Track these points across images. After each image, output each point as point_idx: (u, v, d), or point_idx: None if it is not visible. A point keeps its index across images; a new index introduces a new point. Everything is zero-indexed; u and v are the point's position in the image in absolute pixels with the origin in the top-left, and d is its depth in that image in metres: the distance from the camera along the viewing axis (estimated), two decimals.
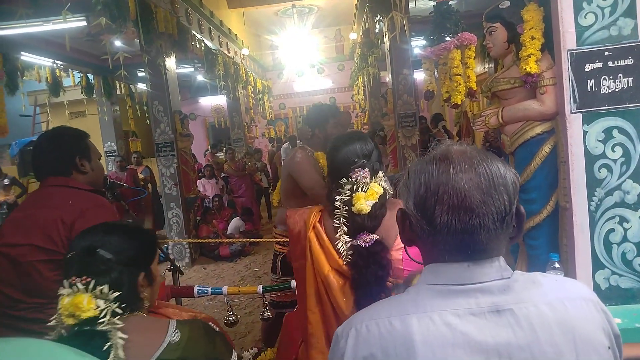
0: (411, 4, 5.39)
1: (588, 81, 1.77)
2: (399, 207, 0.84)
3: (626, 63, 1.74)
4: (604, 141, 1.78)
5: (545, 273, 0.92)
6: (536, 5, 2.07)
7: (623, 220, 1.80)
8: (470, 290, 0.75)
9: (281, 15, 12.40)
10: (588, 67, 1.76)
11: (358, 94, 12.60)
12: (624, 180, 1.78)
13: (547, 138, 2.09)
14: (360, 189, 1.45)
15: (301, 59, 13.58)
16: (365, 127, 10.94)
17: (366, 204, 1.42)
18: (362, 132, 1.70)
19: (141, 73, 8.20)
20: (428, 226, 0.77)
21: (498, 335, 0.72)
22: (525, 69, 2.05)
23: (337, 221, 1.47)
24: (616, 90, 1.76)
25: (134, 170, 7.72)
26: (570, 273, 1.88)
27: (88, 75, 8.32)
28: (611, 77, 1.75)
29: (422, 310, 0.75)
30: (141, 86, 9.60)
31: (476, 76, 2.90)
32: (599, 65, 1.76)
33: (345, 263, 1.46)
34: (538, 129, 2.10)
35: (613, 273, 1.83)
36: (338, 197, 1.47)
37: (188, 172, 6.39)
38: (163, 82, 5.98)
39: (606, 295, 1.82)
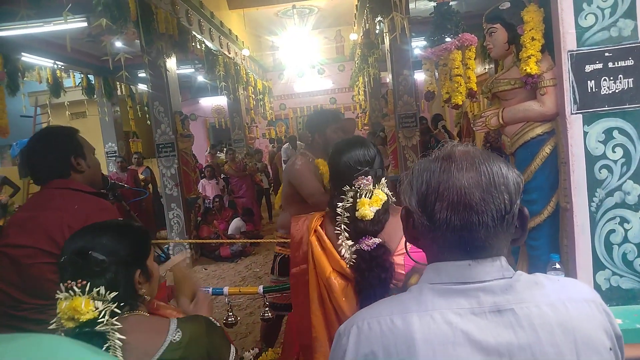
0: (411, 5, 5.39)
1: (588, 82, 1.77)
2: (404, 205, 0.85)
3: (626, 64, 1.74)
4: (605, 142, 1.78)
5: (546, 274, 0.93)
6: (536, 6, 2.07)
7: (624, 221, 1.80)
8: (471, 289, 0.75)
9: (281, 16, 12.41)
10: (588, 68, 1.76)
11: (358, 95, 12.60)
12: (625, 181, 1.78)
13: (548, 139, 2.09)
14: (364, 196, 1.44)
15: (301, 60, 13.59)
16: (365, 128, 10.94)
17: (370, 210, 1.41)
18: (364, 138, 1.69)
19: (142, 74, 8.21)
20: (428, 222, 0.78)
21: (499, 334, 0.72)
22: (525, 70, 2.05)
23: (339, 228, 1.47)
24: (616, 91, 1.76)
25: (135, 170, 7.73)
26: (570, 274, 1.88)
27: (89, 76, 8.33)
28: (611, 78, 1.75)
29: (424, 308, 0.75)
30: (142, 87, 9.60)
31: (476, 77, 2.90)
32: (599, 66, 1.76)
33: (348, 266, 1.45)
34: (538, 130, 2.11)
35: (614, 274, 1.83)
36: (340, 204, 1.47)
37: (189, 173, 6.40)
38: (164, 83, 5.99)
39: (607, 296, 1.82)
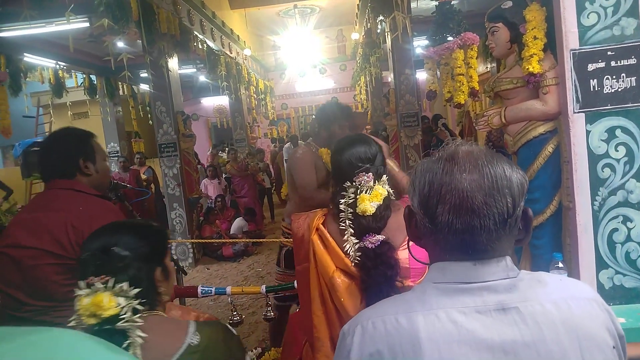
0: (413, 4, 5.38)
1: (591, 81, 1.76)
2: (407, 205, 0.85)
3: (629, 63, 1.74)
4: (607, 141, 1.77)
5: (549, 273, 0.93)
6: (538, 5, 2.07)
7: (627, 219, 1.80)
8: (476, 288, 0.75)
9: (283, 15, 12.42)
10: (591, 67, 1.76)
11: (360, 94, 12.59)
12: (628, 179, 1.78)
13: (550, 138, 2.09)
14: (364, 192, 1.45)
15: (303, 59, 13.59)
16: (367, 127, 10.93)
17: (370, 205, 1.42)
18: (366, 135, 1.69)
19: (144, 74, 8.22)
20: (430, 224, 0.78)
21: (504, 332, 0.72)
22: (527, 69, 2.05)
23: (343, 224, 1.47)
24: (619, 89, 1.75)
25: (137, 170, 7.73)
26: (573, 273, 1.87)
27: (91, 76, 8.36)
28: (614, 77, 1.75)
29: (428, 307, 0.75)
30: (144, 87, 9.63)
31: (478, 76, 2.90)
32: (602, 65, 1.75)
33: (353, 264, 1.46)
34: (541, 129, 2.10)
35: (617, 272, 1.82)
36: (342, 200, 1.48)
37: (191, 173, 6.41)
38: (165, 83, 5.99)
39: (610, 294, 1.81)
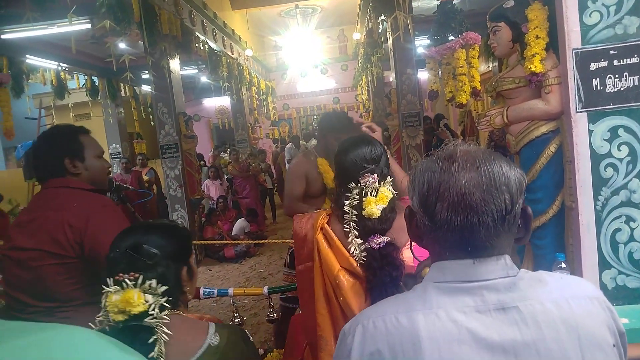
0: (415, 4, 5.37)
1: (593, 80, 1.76)
2: (408, 205, 0.86)
3: (632, 62, 1.73)
4: (610, 140, 1.77)
5: (550, 272, 0.93)
6: (540, 4, 2.06)
7: (630, 219, 1.79)
8: (476, 287, 0.76)
9: (284, 15, 12.42)
10: (593, 66, 1.75)
11: (362, 94, 12.59)
12: (630, 179, 1.77)
13: (553, 137, 2.08)
14: (370, 194, 1.45)
15: (304, 60, 13.59)
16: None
17: (377, 208, 1.42)
18: (371, 136, 1.69)
19: (145, 75, 8.25)
20: (430, 222, 0.78)
21: (504, 332, 0.73)
22: (530, 68, 2.04)
23: (347, 225, 1.47)
24: (622, 89, 1.75)
25: (139, 172, 7.74)
26: (576, 273, 1.87)
27: (93, 77, 8.36)
28: (617, 76, 1.74)
29: (429, 307, 0.76)
30: (145, 88, 9.63)
31: (480, 75, 2.90)
32: (604, 64, 1.75)
33: (358, 265, 1.46)
34: (543, 129, 2.10)
35: (620, 273, 1.82)
36: (347, 202, 1.47)
37: (192, 174, 6.41)
38: (167, 84, 5.99)
39: (613, 295, 1.81)
